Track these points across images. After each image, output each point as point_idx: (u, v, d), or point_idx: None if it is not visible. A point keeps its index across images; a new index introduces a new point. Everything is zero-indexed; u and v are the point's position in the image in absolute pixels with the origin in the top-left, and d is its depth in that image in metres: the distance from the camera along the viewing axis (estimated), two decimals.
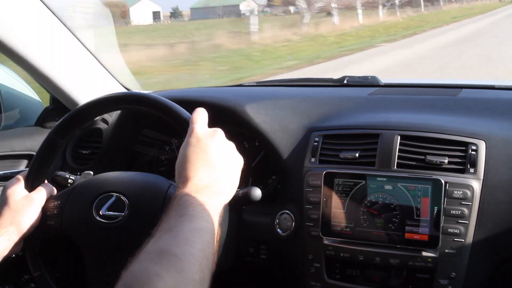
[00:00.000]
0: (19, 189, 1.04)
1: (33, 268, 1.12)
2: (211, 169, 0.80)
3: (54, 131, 1.06)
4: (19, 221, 1.00)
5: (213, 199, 0.77)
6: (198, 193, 0.76)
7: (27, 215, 1.01)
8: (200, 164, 0.80)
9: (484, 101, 1.38)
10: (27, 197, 1.03)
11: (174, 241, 0.66)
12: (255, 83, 1.78)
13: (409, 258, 1.11)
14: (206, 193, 0.77)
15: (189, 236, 0.67)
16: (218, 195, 0.79)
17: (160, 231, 0.69)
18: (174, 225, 0.68)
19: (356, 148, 1.21)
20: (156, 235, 0.69)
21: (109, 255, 1.08)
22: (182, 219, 0.70)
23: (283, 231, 1.25)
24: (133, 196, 1.08)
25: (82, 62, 1.55)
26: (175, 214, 0.71)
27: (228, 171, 0.83)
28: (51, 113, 1.64)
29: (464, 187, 1.09)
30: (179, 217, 0.70)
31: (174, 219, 0.70)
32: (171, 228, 0.68)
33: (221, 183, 0.80)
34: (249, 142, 1.50)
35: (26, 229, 1.01)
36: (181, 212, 0.71)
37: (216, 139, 0.84)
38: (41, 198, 1.05)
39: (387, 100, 1.45)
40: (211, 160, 0.81)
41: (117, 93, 1.08)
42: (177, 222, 0.69)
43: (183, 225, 0.68)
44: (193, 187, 0.77)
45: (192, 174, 0.78)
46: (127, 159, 1.60)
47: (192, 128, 0.84)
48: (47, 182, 1.09)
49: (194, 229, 0.68)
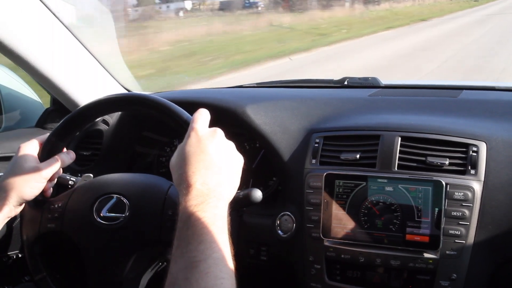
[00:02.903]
0: (31, 156, 1.03)
1: (34, 271, 1.12)
2: (212, 170, 0.79)
3: (54, 134, 1.06)
4: (20, 189, 1.00)
5: (219, 207, 0.76)
6: (206, 204, 0.74)
7: (30, 185, 1.01)
8: (201, 166, 0.79)
9: (484, 102, 1.38)
10: (35, 168, 1.01)
11: (207, 281, 0.67)
12: (256, 84, 1.77)
13: (410, 260, 1.11)
14: (213, 201, 0.75)
15: (217, 272, 0.68)
16: (223, 200, 0.78)
17: (184, 262, 0.69)
18: (198, 257, 0.68)
19: (357, 150, 1.21)
20: (181, 267, 0.69)
21: (110, 257, 1.08)
22: (202, 248, 0.69)
23: (283, 233, 1.25)
24: (133, 198, 1.08)
25: (83, 63, 1.55)
26: (192, 239, 0.70)
27: (229, 172, 0.82)
28: (52, 114, 1.64)
29: (465, 188, 1.09)
30: (198, 244, 0.70)
31: (193, 246, 0.70)
32: (197, 261, 0.68)
33: (223, 186, 0.79)
34: (250, 143, 1.50)
35: (26, 198, 1.01)
36: (198, 237, 0.70)
37: (216, 139, 0.83)
38: (48, 172, 1.03)
39: (387, 101, 1.45)
40: (212, 161, 0.80)
41: (118, 95, 1.08)
42: (198, 253, 0.69)
43: (208, 257, 0.69)
44: (198, 195, 0.75)
45: (194, 179, 0.77)
46: (127, 160, 1.60)
47: (192, 128, 0.83)
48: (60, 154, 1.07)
49: (218, 260, 0.69)
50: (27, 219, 1.13)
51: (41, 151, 1.05)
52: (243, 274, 1.41)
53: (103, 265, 1.08)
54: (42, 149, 1.05)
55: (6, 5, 1.28)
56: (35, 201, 1.04)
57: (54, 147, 1.06)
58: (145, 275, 1.14)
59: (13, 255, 1.42)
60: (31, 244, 1.12)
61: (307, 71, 8.45)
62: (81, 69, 1.54)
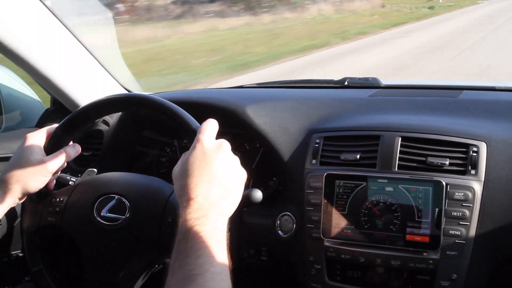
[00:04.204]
0: (37, 148, 1.02)
1: (32, 263, 1.12)
2: (216, 185, 0.78)
3: (61, 127, 1.05)
4: (25, 181, 0.99)
5: (220, 221, 0.76)
6: (206, 218, 0.74)
7: (35, 179, 1.00)
8: (204, 179, 0.77)
9: (485, 102, 1.38)
10: (41, 161, 1.01)
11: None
12: (256, 84, 1.78)
13: (410, 260, 1.11)
14: (213, 216, 0.75)
15: (214, 286, 0.68)
16: (223, 215, 0.77)
17: (182, 275, 0.69)
18: (196, 271, 0.68)
19: (357, 150, 1.21)
20: (179, 279, 0.68)
21: (108, 257, 1.08)
22: (200, 261, 0.69)
23: (284, 233, 1.25)
24: (134, 199, 1.08)
25: (83, 64, 1.55)
26: (191, 253, 0.70)
27: (231, 187, 0.81)
28: (52, 115, 1.64)
29: (465, 188, 1.09)
30: (196, 258, 0.70)
31: (192, 259, 0.70)
32: (194, 275, 0.68)
33: (224, 201, 0.78)
34: (250, 144, 1.50)
35: (30, 191, 1.01)
36: (197, 251, 0.70)
37: (221, 153, 0.81)
38: (54, 165, 1.02)
39: (388, 101, 1.46)
40: (215, 175, 0.79)
41: (127, 94, 1.08)
42: (196, 266, 0.69)
43: (206, 271, 0.68)
44: (199, 209, 0.75)
45: (196, 192, 0.76)
46: (127, 160, 1.60)
47: (199, 139, 0.82)
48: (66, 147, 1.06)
49: (216, 275, 0.69)
50: (28, 210, 1.13)
51: (47, 143, 1.04)
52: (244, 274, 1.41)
53: (101, 264, 1.08)
54: (48, 141, 1.04)
55: (6, 5, 1.28)
56: (38, 193, 1.04)
57: (60, 140, 1.05)
58: (142, 278, 1.14)
59: (14, 255, 1.42)
60: (30, 234, 1.12)
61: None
62: (81, 69, 1.54)
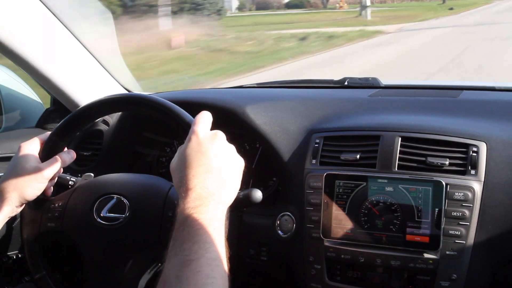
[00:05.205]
0: (32, 156, 1.02)
1: (34, 270, 1.12)
2: (212, 174, 0.79)
3: (55, 133, 1.06)
4: (21, 189, 0.99)
5: (218, 210, 0.76)
6: (204, 207, 0.74)
7: (31, 186, 1.01)
8: (201, 170, 0.78)
9: (484, 102, 1.38)
10: (37, 168, 1.01)
11: (197, 280, 0.67)
12: (256, 84, 1.78)
13: (410, 260, 1.11)
14: (211, 204, 0.75)
15: (208, 272, 0.68)
16: (221, 204, 0.78)
17: (177, 261, 0.69)
18: (191, 256, 0.69)
19: (357, 150, 1.21)
20: (174, 265, 0.69)
21: (109, 257, 1.08)
22: (196, 247, 0.70)
23: (283, 233, 1.25)
24: (133, 198, 1.08)
25: (83, 64, 1.55)
26: (187, 239, 0.71)
27: (229, 176, 0.81)
28: (52, 115, 1.64)
29: (465, 188, 1.09)
30: (192, 244, 0.70)
31: (188, 245, 0.70)
32: (189, 260, 0.68)
33: (222, 190, 0.79)
34: (250, 144, 1.50)
35: (27, 198, 1.01)
36: (193, 238, 0.71)
37: (216, 142, 0.82)
38: (50, 172, 1.02)
39: (387, 101, 1.46)
40: (212, 164, 0.79)
41: (119, 95, 1.08)
42: (192, 252, 0.69)
43: (201, 257, 0.69)
44: (197, 198, 0.75)
45: (194, 182, 0.77)
46: (127, 160, 1.60)
47: (193, 131, 0.83)
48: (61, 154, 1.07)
49: (211, 260, 0.69)
50: (27, 218, 1.13)
51: (42, 150, 1.04)
52: (244, 274, 1.41)
53: (103, 265, 1.08)
54: (42, 149, 1.05)
55: (6, 5, 1.28)
56: (35, 200, 1.04)
57: (55, 147, 1.06)
58: (144, 276, 1.14)
59: (13, 255, 1.42)
60: (31, 243, 1.12)
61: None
62: (81, 69, 1.54)
